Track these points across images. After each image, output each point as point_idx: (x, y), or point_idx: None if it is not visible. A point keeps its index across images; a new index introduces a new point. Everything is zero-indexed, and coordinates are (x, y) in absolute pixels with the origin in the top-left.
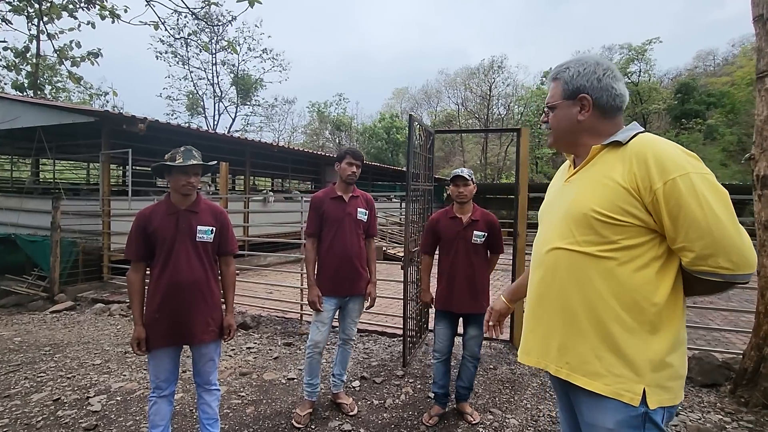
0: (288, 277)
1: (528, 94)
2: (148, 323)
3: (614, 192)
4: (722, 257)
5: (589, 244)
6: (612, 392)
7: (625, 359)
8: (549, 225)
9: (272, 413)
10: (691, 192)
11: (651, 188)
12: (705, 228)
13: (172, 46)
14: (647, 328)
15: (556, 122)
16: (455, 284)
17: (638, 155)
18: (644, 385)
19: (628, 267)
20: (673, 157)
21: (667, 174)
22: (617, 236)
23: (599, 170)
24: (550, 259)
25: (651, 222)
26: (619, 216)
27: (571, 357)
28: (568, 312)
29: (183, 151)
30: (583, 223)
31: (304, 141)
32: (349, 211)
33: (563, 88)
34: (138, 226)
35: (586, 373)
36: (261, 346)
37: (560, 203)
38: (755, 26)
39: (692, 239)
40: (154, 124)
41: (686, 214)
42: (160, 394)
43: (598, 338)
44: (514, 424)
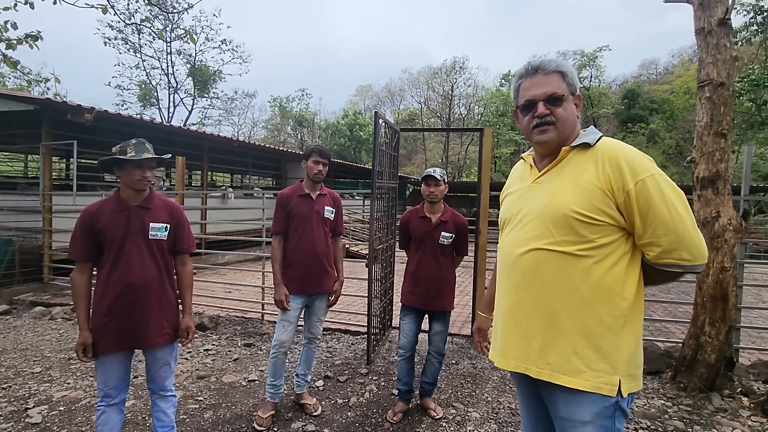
0: (248, 276)
1: (488, 95)
2: (95, 327)
3: (591, 193)
4: (684, 251)
5: (568, 244)
6: (592, 387)
7: (602, 354)
8: (522, 227)
9: (232, 417)
10: (658, 192)
11: (624, 189)
12: (671, 225)
13: (122, 32)
14: (621, 322)
15: (566, 115)
16: (422, 282)
17: (610, 158)
18: (619, 377)
19: (603, 264)
20: (639, 160)
21: (637, 175)
22: (594, 235)
23: (572, 171)
24: (528, 261)
25: (621, 220)
26: (596, 216)
27: (552, 357)
28: (549, 312)
29: (135, 144)
30: (562, 223)
31: (265, 136)
32: (317, 209)
33: (568, 83)
34: (83, 224)
35: (567, 371)
36: (220, 347)
37: (533, 204)
38: (697, 38)
39: (659, 235)
40: (103, 114)
41: (654, 213)
42: (109, 402)
43: (578, 335)
44: (476, 417)
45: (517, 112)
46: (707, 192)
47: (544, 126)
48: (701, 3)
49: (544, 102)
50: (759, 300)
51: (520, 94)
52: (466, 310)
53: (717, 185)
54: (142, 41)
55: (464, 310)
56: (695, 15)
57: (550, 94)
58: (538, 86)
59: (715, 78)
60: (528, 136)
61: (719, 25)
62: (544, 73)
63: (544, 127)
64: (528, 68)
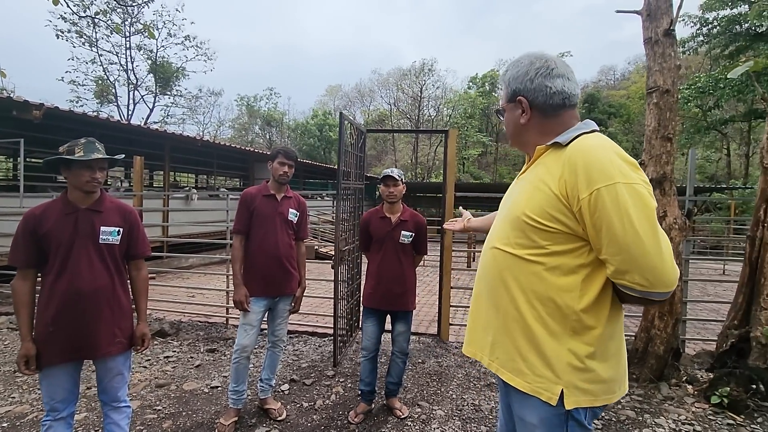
0: (212, 280)
1: (456, 98)
2: (39, 338)
3: (545, 197)
4: (637, 274)
5: (520, 247)
6: (532, 390)
7: (545, 360)
8: (495, 224)
9: (193, 425)
10: (614, 205)
11: (578, 197)
12: (623, 244)
13: (76, 25)
14: (568, 333)
15: (506, 125)
16: (383, 282)
17: (570, 162)
18: (562, 386)
19: (553, 273)
20: (602, 166)
21: (593, 184)
22: (545, 242)
23: (539, 172)
24: (488, 258)
25: (580, 230)
26: (546, 222)
27: (500, 353)
28: (499, 310)
29: (84, 143)
30: (516, 226)
31: (231, 135)
32: (281, 210)
33: (505, 92)
34: (26, 228)
35: (512, 370)
36: (181, 354)
37: (505, 203)
38: (645, 47)
39: (611, 253)
40: (54, 111)
41: (608, 228)
42: (55, 416)
43: (523, 338)
44: (441, 414)
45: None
46: (655, 193)
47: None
48: (649, 14)
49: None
50: (704, 293)
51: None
52: (433, 309)
53: (664, 186)
54: (99, 35)
55: (431, 310)
56: (644, 25)
57: (497, 110)
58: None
59: (662, 85)
60: None
61: (665, 35)
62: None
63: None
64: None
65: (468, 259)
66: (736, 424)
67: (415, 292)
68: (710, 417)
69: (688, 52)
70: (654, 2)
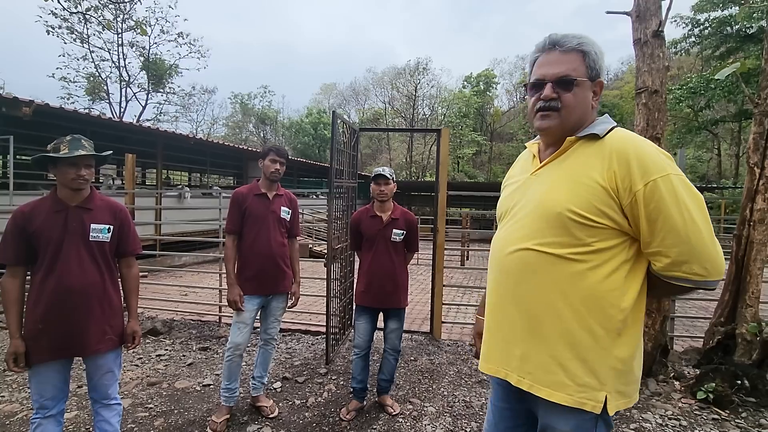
0: (205, 278)
1: (451, 97)
2: (28, 335)
3: (592, 191)
4: (696, 264)
5: (560, 246)
6: (575, 402)
7: (589, 367)
8: (513, 223)
9: (184, 423)
10: (671, 195)
11: (631, 189)
12: (683, 235)
13: (67, 21)
14: (613, 335)
15: (575, 103)
16: (376, 280)
17: (619, 153)
18: (606, 393)
19: (598, 271)
20: (654, 157)
21: (649, 175)
22: (591, 238)
23: (575, 165)
24: (515, 261)
25: (625, 225)
26: (594, 217)
27: (533, 366)
28: (532, 318)
29: (69, 141)
30: (556, 222)
31: (225, 134)
32: (273, 209)
33: (588, 66)
34: (15, 226)
35: (549, 384)
36: (173, 352)
37: (528, 199)
38: (635, 48)
39: (668, 245)
40: (44, 108)
41: (665, 219)
42: (45, 414)
43: (564, 346)
44: (432, 411)
45: (527, 89)
46: None
47: (547, 111)
48: (638, 15)
49: (552, 84)
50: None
51: (533, 70)
52: (425, 308)
53: None
54: (90, 31)
55: (424, 308)
56: (633, 26)
57: (562, 76)
58: (551, 65)
59: (650, 86)
60: (530, 119)
61: (654, 36)
62: (561, 50)
63: (547, 113)
64: (546, 42)
65: (462, 258)
66: (721, 419)
67: (407, 290)
68: (696, 412)
69: (680, 52)
70: (643, 4)
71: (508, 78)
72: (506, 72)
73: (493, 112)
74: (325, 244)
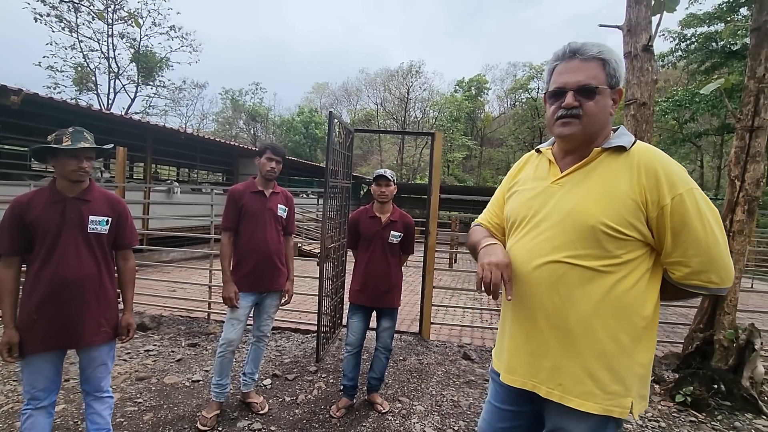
0: (194, 274)
1: (442, 100)
2: (22, 325)
3: (624, 204)
4: (714, 274)
5: (593, 258)
6: (603, 410)
7: (617, 376)
8: (538, 233)
9: (174, 418)
10: (695, 209)
11: (659, 203)
12: (704, 246)
13: (56, 9)
14: (636, 342)
15: (597, 111)
16: (371, 280)
17: (647, 167)
18: (631, 398)
19: (626, 282)
20: (678, 172)
21: (676, 189)
22: (620, 250)
23: (604, 177)
24: (546, 274)
25: (649, 236)
26: (625, 230)
27: (564, 378)
28: (564, 330)
29: (71, 132)
30: (588, 235)
31: (215, 129)
32: (270, 206)
33: (608, 74)
34: (13, 216)
35: (579, 394)
36: (162, 348)
37: (553, 209)
38: (625, 61)
39: (690, 255)
40: (32, 97)
41: (689, 231)
42: (36, 405)
43: (593, 357)
44: (420, 410)
45: (545, 97)
46: None
47: (568, 118)
48: (629, 30)
49: (574, 92)
50: None
51: (552, 78)
52: (414, 309)
53: None
54: (80, 20)
55: (413, 309)
56: (624, 40)
57: (583, 85)
58: (572, 73)
59: (639, 98)
60: (550, 127)
61: (643, 50)
62: (582, 58)
63: (568, 120)
64: (566, 50)
65: (450, 260)
66: (697, 421)
67: (400, 290)
68: (674, 414)
69: (667, 66)
70: (634, 19)
71: (499, 84)
72: (498, 78)
73: (483, 118)
74: (314, 243)
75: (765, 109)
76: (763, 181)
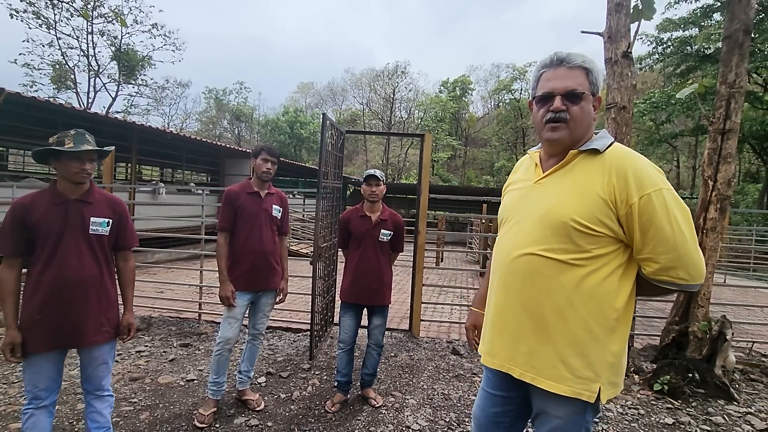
0: (180, 275)
1: (428, 101)
2: (25, 326)
3: (594, 203)
4: (682, 270)
5: (564, 252)
6: (573, 393)
7: (588, 362)
8: (518, 229)
9: (171, 417)
10: (662, 208)
11: (627, 201)
12: (671, 244)
13: (33, 5)
14: (608, 332)
15: (582, 115)
16: (362, 278)
17: (618, 168)
18: (600, 384)
19: (596, 275)
20: (648, 173)
21: (643, 189)
22: (591, 245)
23: (579, 178)
24: (522, 265)
25: (620, 233)
26: (595, 226)
27: (538, 362)
28: (539, 318)
29: (74, 135)
30: (560, 231)
31: (198, 129)
32: (265, 207)
33: (591, 82)
34: (14, 218)
35: (551, 377)
36: (153, 348)
37: (533, 207)
38: (606, 66)
39: (659, 252)
40: (14, 97)
41: (656, 229)
42: (38, 404)
43: (566, 344)
44: (413, 403)
45: (531, 103)
46: None
47: (557, 123)
48: (609, 36)
49: (561, 97)
50: None
51: (539, 85)
52: (404, 306)
53: None
54: (58, 17)
55: (403, 307)
56: (605, 46)
57: (570, 90)
58: (560, 79)
59: (619, 102)
60: (539, 130)
61: (623, 56)
62: (568, 66)
63: (556, 124)
64: (553, 58)
65: (437, 259)
66: (674, 407)
67: (391, 288)
68: (652, 402)
69: (645, 68)
70: (614, 26)
71: (483, 85)
72: (482, 79)
73: (468, 118)
74: (302, 243)
75: (735, 113)
76: (734, 181)
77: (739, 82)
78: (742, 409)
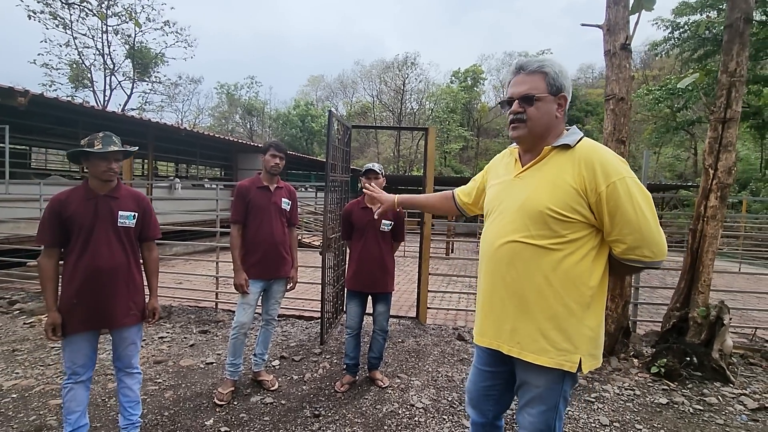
0: (198, 267)
1: (438, 92)
2: (63, 309)
3: (567, 192)
4: (646, 249)
5: (542, 238)
6: (555, 364)
7: (566, 335)
8: (501, 219)
9: (192, 395)
10: (626, 194)
11: (596, 190)
12: (635, 226)
13: (50, 5)
14: (584, 308)
15: (539, 115)
16: (365, 267)
17: (587, 160)
18: (580, 356)
19: (572, 257)
20: (613, 163)
21: (609, 178)
22: (566, 231)
23: (551, 171)
24: (505, 251)
25: (592, 218)
26: (569, 213)
27: (521, 337)
28: (520, 299)
29: (102, 137)
30: (538, 219)
31: (211, 124)
32: (275, 200)
33: (549, 83)
34: (52, 212)
35: (535, 351)
36: (174, 335)
37: (513, 199)
38: (605, 58)
39: (625, 234)
40: (38, 98)
41: (622, 214)
42: (77, 379)
43: (546, 319)
44: (417, 384)
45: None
46: None
47: (516, 123)
48: (608, 29)
49: (518, 101)
50: (662, 283)
51: (507, 91)
52: (412, 295)
53: None
54: (74, 17)
55: (411, 296)
56: (604, 39)
57: (523, 94)
58: (518, 85)
59: (617, 93)
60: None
61: (621, 48)
62: (525, 72)
63: (515, 124)
64: (515, 67)
65: (446, 250)
66: (669, 389)
67: (393, 276)
68: (649, 384)
69: (661, 54)
70: (613, 18)
71: (495, 74)
72: (494, 68)
73: (480, 108)
74: (312, 236)
75: (736, 101)
76: (734, 170)
77: (740, 71)
78: (736, 390)
